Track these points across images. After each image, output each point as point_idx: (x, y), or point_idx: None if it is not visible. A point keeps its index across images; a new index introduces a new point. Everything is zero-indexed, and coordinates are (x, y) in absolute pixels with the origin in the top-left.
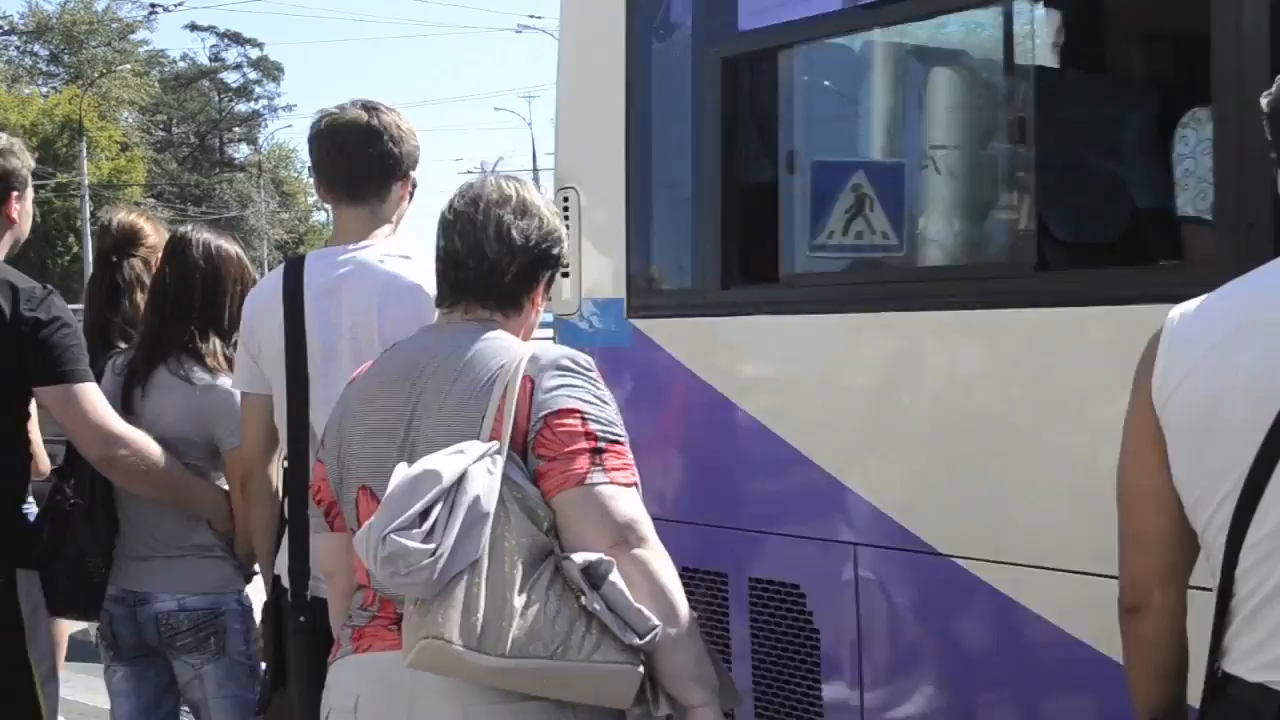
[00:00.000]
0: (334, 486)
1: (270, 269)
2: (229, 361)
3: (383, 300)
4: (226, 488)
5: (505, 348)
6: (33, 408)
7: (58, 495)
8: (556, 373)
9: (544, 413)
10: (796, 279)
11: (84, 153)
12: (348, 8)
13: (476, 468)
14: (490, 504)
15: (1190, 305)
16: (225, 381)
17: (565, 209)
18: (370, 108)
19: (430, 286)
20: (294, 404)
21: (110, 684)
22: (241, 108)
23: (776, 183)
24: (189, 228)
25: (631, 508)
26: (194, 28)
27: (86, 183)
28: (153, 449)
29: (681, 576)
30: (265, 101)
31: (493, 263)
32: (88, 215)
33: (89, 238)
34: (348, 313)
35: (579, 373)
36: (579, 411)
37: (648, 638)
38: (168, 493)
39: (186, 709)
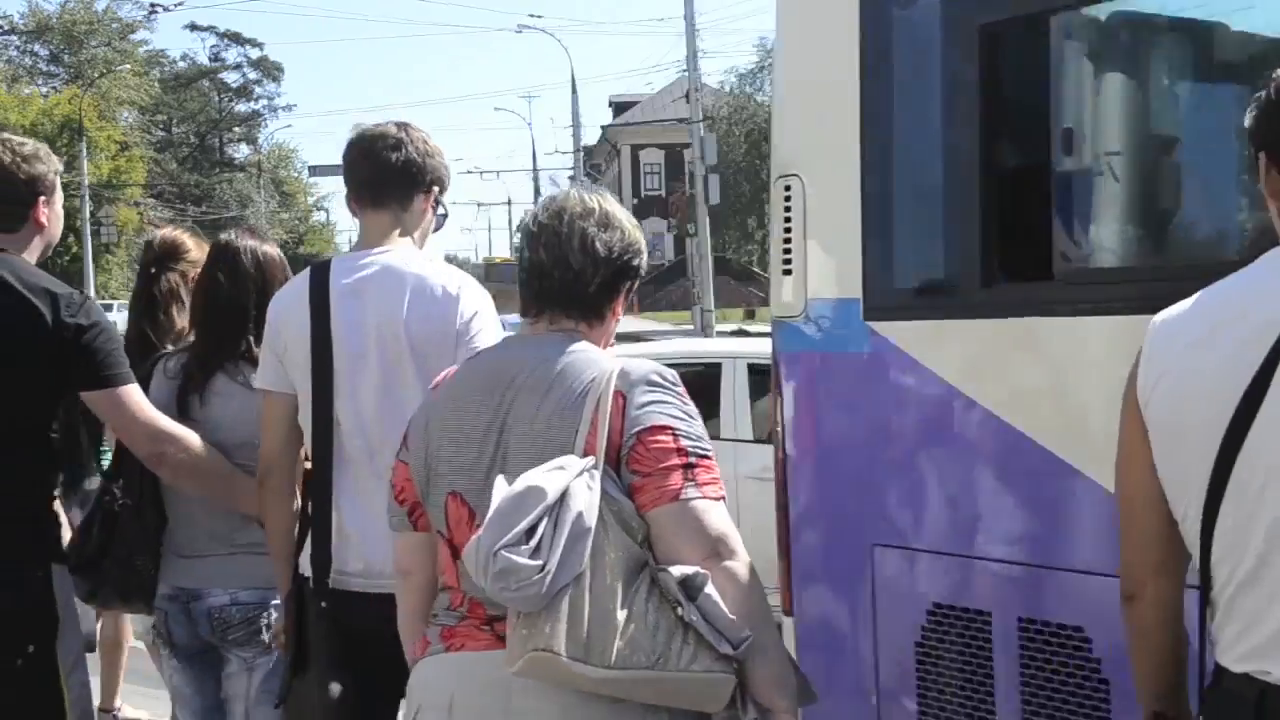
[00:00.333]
0: (419, 488)
1: None
2: None
3: (410, 301)
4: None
5: (594, 361)
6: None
7: (106, 496)
8: (647, 388)
9: (637, 429)
10: (1075, 274)
11: (84, 153)
12: (348, 8)
13: (577, 484)
14: (591, 519)
15: (1176, 306)
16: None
17: (787, 200)
18: (401, 124)
19: (455, 287)
20: (319, 402)
21: (171, 684)
22: (241, 108)
23: (1048, 166)
24: (233, 235)
25: (722, 521)
26: (194, 28)
27: (86, 183)
28: (199, 446)
29: (934, 614)
30: (265, 101)
31: (577, 273)
32: (87, 215)
33: (89, 237)
34: (373, 313)
35: (667, 388)
36: (670, 428)
37: (741, 647)
38: (216, 489)
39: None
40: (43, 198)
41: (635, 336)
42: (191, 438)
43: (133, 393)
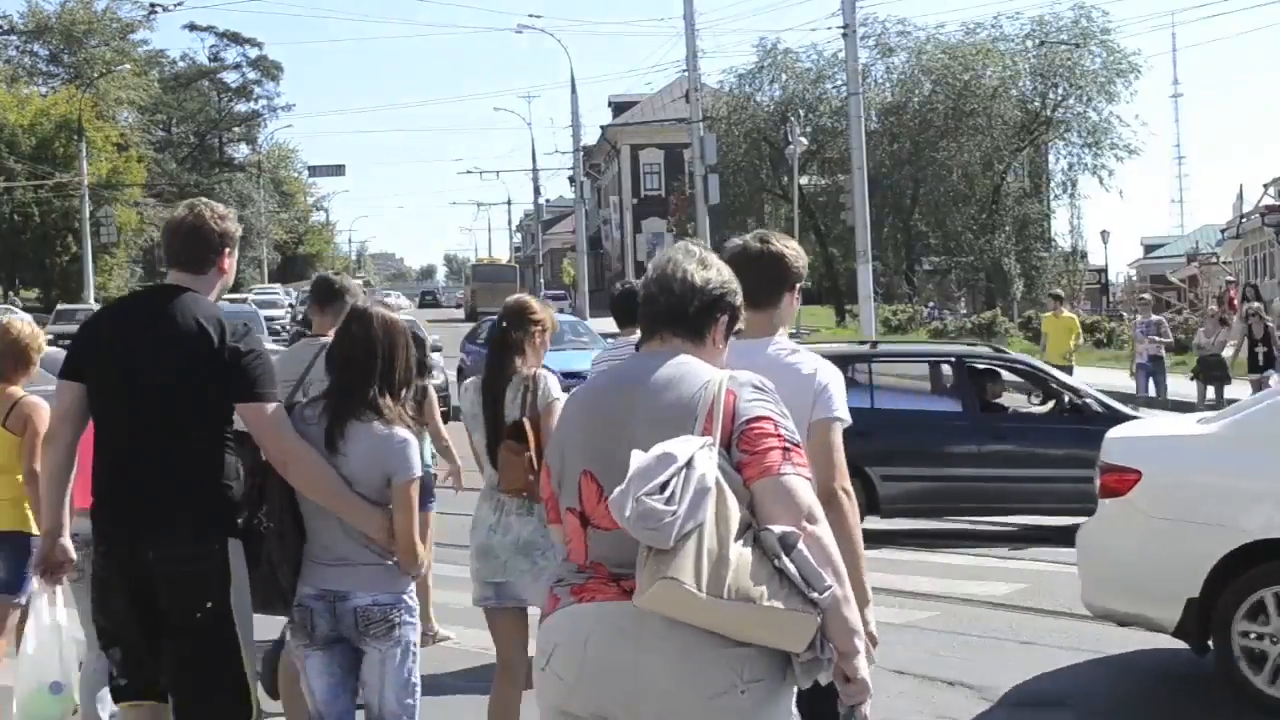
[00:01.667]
0: (555, 477)
1: (269, 268)
2: (404, 413)
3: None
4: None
5: (703, 369)
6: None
7: (254, 520)
8: (752, 390)
9: (745, 418)
10: None
11: (83, 152)
12: (348, 8)
13: (700, 453)
14: (711, 481)
15: None
16: (399, 431)
17: None
18: (763, 238)
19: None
20: None
21: (305, 667)
22: (241, 107)
23: None
24: (365, 303)
25: (810, 495)
26: (193, 27)
27: (86, 183)
28: (319, 463)
29: None
30: (265, 101)
31: (679, 298)
32: (87, 215)
33: (88, 238)
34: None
35: (767, 392)
36: (771, 419)
37: (825, 594)
38: (329, 500)
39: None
40: (228, 249)
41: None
42: (314, 457)
43: (275, 409)
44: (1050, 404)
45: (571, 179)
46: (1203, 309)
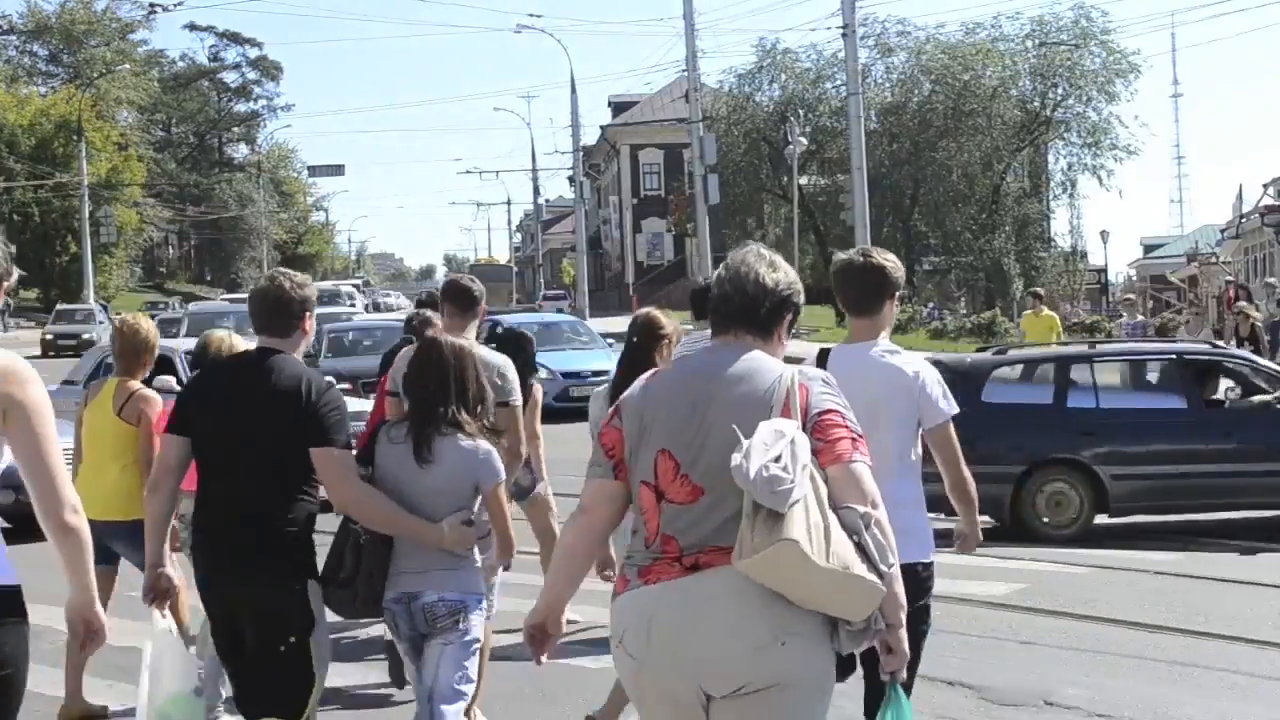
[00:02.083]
0: (630, 448)
1: (269, 268)
2: (483, 426)
3: (876, 377)
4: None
5: (773, 363)
6: None
7: (352, 534)
8: (821, 384)
9: (818, 409)
10: None
11: (82, 152)
12: (348, 8)
13: (798, 433)
14: (808, 457)
15: None
16: (481, 443)
17: None
18: (865, 253)
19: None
20: None
21: (407, 658)
22: (240, 107)
23: None
24: (435, 333)
25: (873, 482)
26: (193, 27)
27: (85, 183)
28: (375, 501)
29: None
30: (264, 101)
31: (752, 298)
32: (86, 215)
33: (88, 238)
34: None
35: (832, 386)
36: (840, 411)
37: (891, 568)
38: (389, 529)
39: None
40: (308, 313)
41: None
42: (369, 497)
43: (341, 455)
44: (1260, 398)
45: (571, 179)
46: (1202, 309)
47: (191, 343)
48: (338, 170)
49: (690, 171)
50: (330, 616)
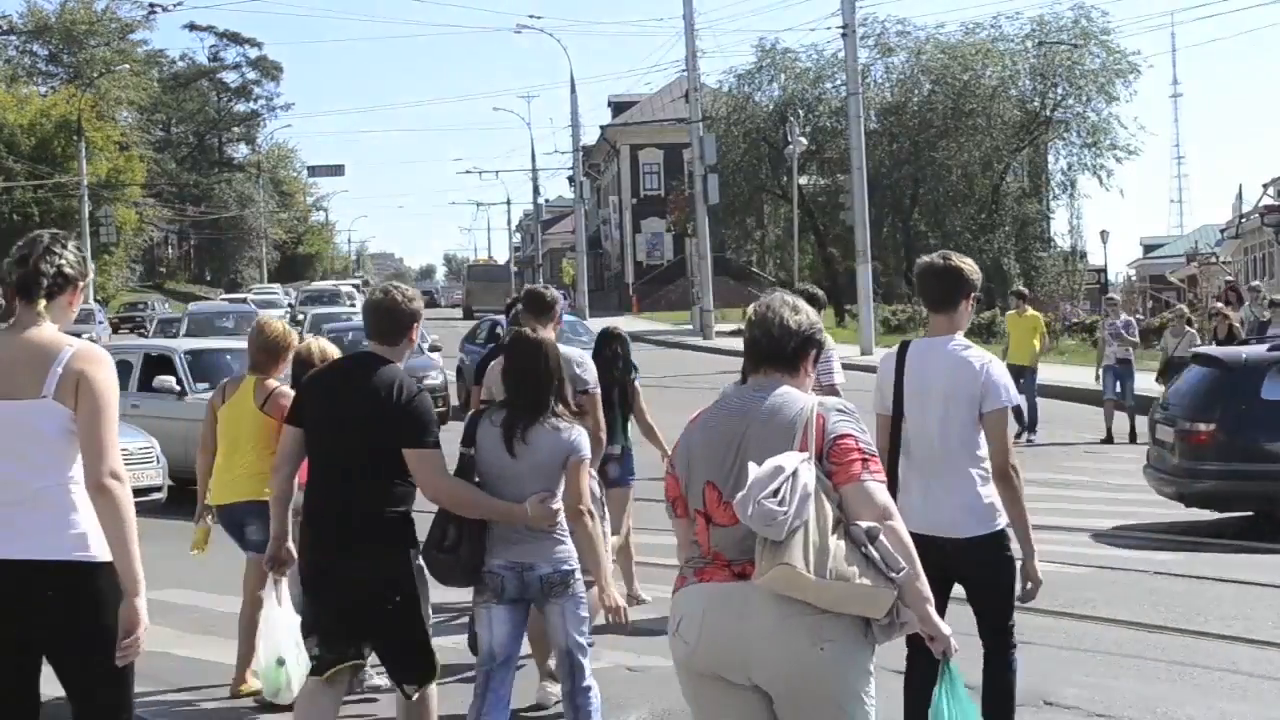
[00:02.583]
0: (682, 486)
1: (269, 268)
2: (567, 411)
3: (949, 368)
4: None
5: (800, 397)
6: None
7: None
8: (837, 413)
9: (833, 436)
10: None
11: (82, 152)
12: (348, 8)
13: (802, 465)
14: (811, 487)
15: None
16: (565, 424)
17: None
18: (945, 256)
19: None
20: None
21: (490, 618)
22: (240, 107)
23: None
24: (533, 332)
25: (886, 496)
26: (193, 27)
27: (85, 183)
28: (463, 491)
29: None
30: (264, 101)
31: (778, 340)
32: (86, 215)
33: (88, 238)
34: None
35: (848, 414)
36: (853, 436)
37: (900, 575)
38: (476, 513)
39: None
40: (416, 324)
41: (637, 337)
42: (457, 488)
43: (430, 454)
44: None
45: (571, 179)
46: (1202, 309)
47: (191, 343)
48: (338, 170)
49: (690, 171)
50: None
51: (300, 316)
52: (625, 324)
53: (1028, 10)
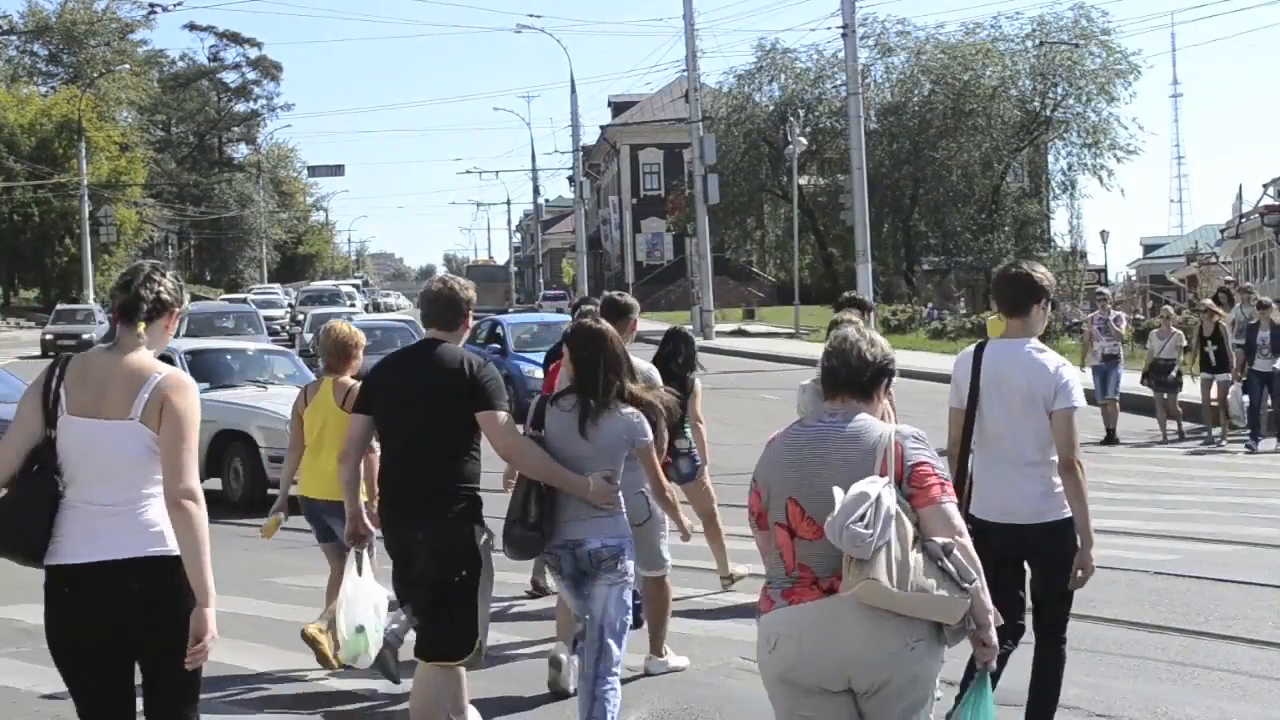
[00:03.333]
0: (764, 500)
1: (269, 268)
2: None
3: (1025, 369)
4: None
5: (877, 424)
6: None
7: (533, 486)
8: (914, 441)
9: (911, 462)
10: None
11: (82, 152)
12: (348, 8)
13: (885, 490)
14: (893, 510)
15: None
16: (629, 410)
17: None
18: (1017, 264)
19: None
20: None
21: (563, 591)
22: (240, 107)
23: None
24: (594, 323)
25: (959, 517)
26: (193, 27)
27: (85, 183)
28: (533, 452)
29: None
30: (264, 101)
31: (855, 370)
32: (86, 215)
33: (87, 238)
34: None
35: (923, 441)
36: (930, 463)
37: (972, 585)
38: (544, 477)
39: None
40: (470, 311)
41: (636, 337)
42: (528, 448)
43: (502, 416)
44: None
45: (571, 179)
46: (1167, 314)
47: (191, 343)
48: (338, 170)
49: (690, 171)
50: None
51: (300, 316)
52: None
53: (1028, 10)
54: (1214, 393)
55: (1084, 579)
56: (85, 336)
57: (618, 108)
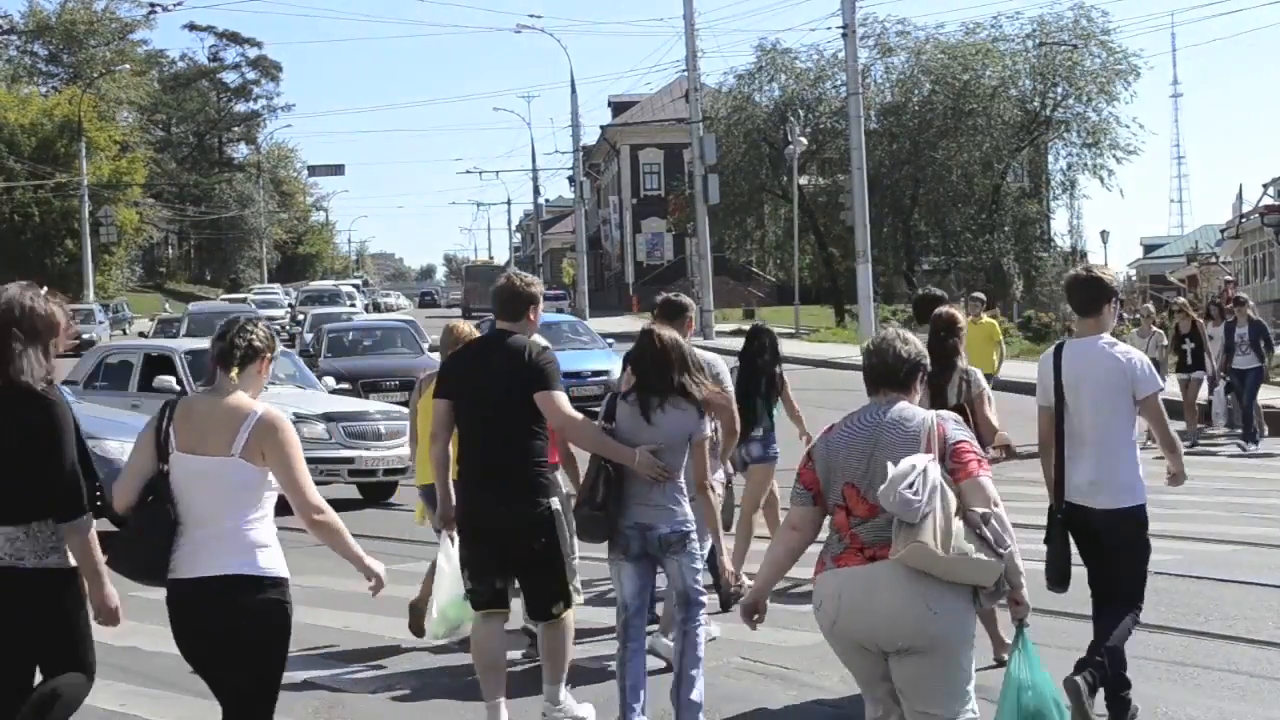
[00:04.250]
0: (822, 481)
1: (269, 268)
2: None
3: (1102, 363)
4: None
5: (917, 411)
6: None
7: (601, 469)
8: (953, 423)
9: (952, 441)
10: None
11: (82, 152)
12: (348, 8)
13: (931, 464)
14: (938, 481)
15: None
16: (687, 404)
17: None
18: (1087, 268)
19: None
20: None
21: (621, 573)
22: (240, 107)
23: None
24: (654, 327)
25: (994, 489)
26: (193, 27)
27: (86, 183)
28: (586, 426)
29: None
30: (264, 101)
31: (892, 366)
32: (86, 215)
33: (87, 238)
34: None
35: (961, 424)
36: (968, 442)
37: (1007, 551)
38: (596, 448)
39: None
40: (534, 305)
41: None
42: (580, 422)
43: (557, 394)
44: None
45: (571, 179)
46: (1202, 309)
47: (191, 343)
48: (338, 170)
49: (690, 171)
50: None
51: (300, 316)
52: (625, 324)
53: (1028, 10)
54: (1203, 392)
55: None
56: (85, 336)
57: (618, 108)
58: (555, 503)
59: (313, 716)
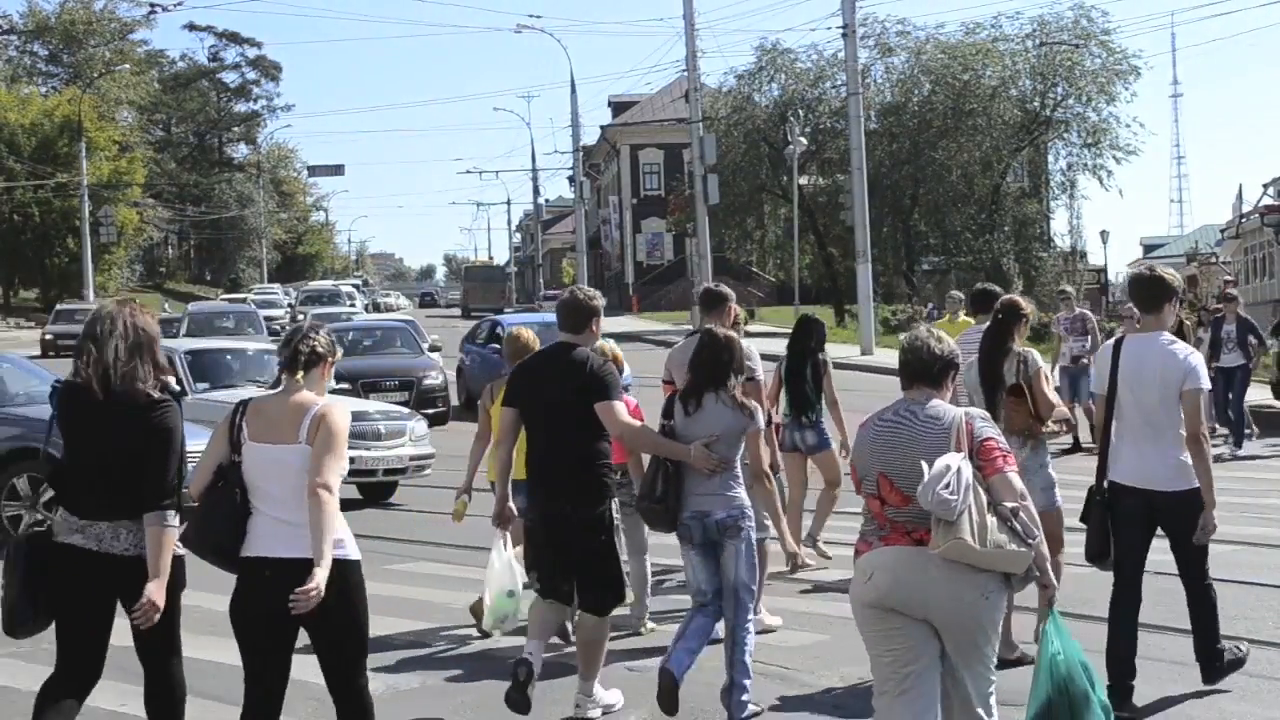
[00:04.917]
0: (861, 473)
1: (269, 268)
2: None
3: (1161, 357)
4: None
5: (948, 408)
6: None
7: (661, 465)
8: (981, 420)
9: (980, 438)
10: None
11: (82, 152)
12: (348, 8)
13: (963, 463)
14: (970, 479)
15: None
16: (727, 404)
17: None
18: (1150, 268)
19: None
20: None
21: (690, 562)
22: (240, 107)
23: None
24: (715, 328)
25: (1020, 483)
26: (193, 27)
27: (86, 183)
28: (642, 432)
29: None
30: (264, 101)
31: (926, 363)
32: (86, 215)
33: (88, 238)
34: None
35: (989, 421)
36: (995, 439)
37: (1035, 541)
38: (652, 450)
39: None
40: (596, 318)
41: (636, 336)
42: (637, 429)
43: (616, 404)
44: None
45: (571, 179)
46: (1201, 309)
47: (191, 343)
48: (338, 170)
49: (690, 171)
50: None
51: (300, 316)
52: (625, 324)
53: (1028, 10)
54: None
55: (1206, 535)
56: None
57: (618, 108)
58: (615, 504)
59: (312, 716)
